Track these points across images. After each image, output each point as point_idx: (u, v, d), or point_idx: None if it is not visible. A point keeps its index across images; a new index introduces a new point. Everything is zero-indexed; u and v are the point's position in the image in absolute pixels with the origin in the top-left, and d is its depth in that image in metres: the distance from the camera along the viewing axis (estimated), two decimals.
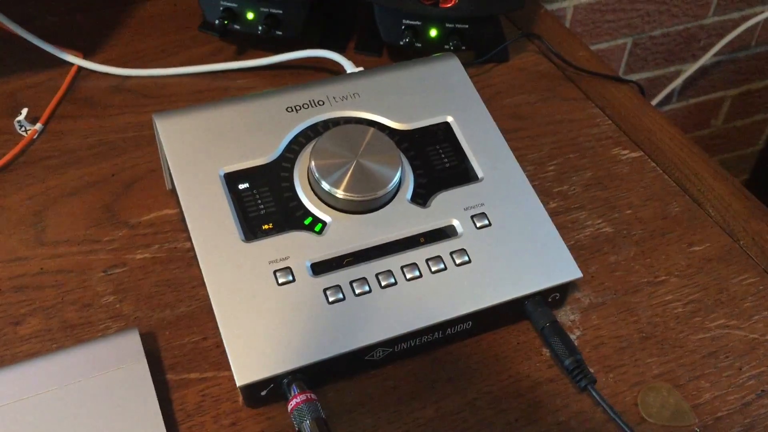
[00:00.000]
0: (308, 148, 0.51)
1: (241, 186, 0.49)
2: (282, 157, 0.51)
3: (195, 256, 0.48)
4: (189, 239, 0.53)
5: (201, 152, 0.50)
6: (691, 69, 1.26)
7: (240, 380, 0.43)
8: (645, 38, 1.20)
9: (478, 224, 0.50)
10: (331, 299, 0.46)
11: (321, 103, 0.53)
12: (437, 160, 0.52)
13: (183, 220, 0.53)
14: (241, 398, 0.46)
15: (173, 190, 0.56)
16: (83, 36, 0.70)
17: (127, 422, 0.43)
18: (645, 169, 0.62)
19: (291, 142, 0.51)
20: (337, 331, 0.45)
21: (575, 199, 0.59)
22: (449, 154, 0.53)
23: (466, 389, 0.47)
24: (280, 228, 0.48)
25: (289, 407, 0.43)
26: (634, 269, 0.54)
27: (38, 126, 0.61)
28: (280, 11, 0.65)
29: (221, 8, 0.66)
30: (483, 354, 0.49)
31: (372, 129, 0.51)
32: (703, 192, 0.60)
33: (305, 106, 0.53)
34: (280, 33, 0.66)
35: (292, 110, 0.53)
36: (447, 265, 0.48)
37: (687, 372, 0.49)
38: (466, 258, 0.48)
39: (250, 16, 0.66)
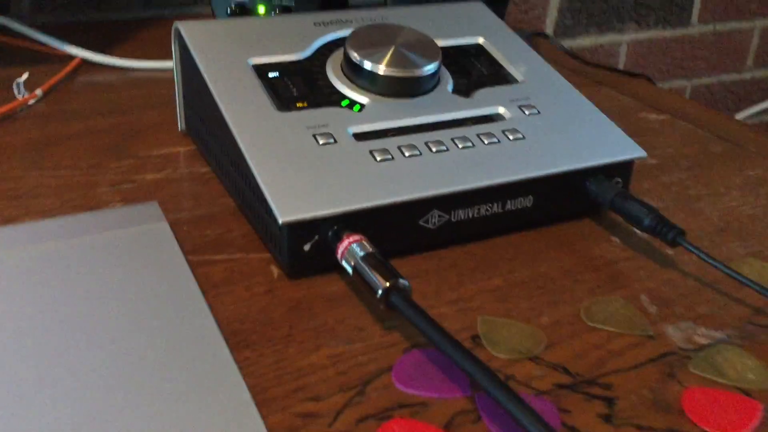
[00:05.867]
0: (339, 51, 0.48)
1: (271, 74, 0.46)
2: (312, 57, 0.48)
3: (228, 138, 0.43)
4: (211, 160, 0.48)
5: (228, 49, 0.47)
6: None
7: (282, 217, 0.37)
8: None
9: (527, 112, 0.46)
10: (378, 158, 0.41)
11: (349, 21, 0.51)
12: (474, 69, 0.50)
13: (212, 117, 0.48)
14: (276, 271, 0.39)
15: (187, 130, 0.52)
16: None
17: (153, 273, 0.36)
18: (676, 125, 0.60)
19: (321, 47, 0.49)
20: (387, 182, 0.39)
21: None
22: (486, 65, 0.50)
23: (535, 265, 0.41)
24: (315, 105, 0.44)
25: (339, 253, 0.37)
26: (690, 185, 0.51)
27: (38, 91, 0.58)
28: (293, 4, 0.65)
29: (233, 4, 0.66)
30: (548, 241, 0.43)
31: (407, 26, 0.48)
32: (741, 137, 0.58)
33: (333, 22, 0.51)
34: None
35: (320, 24, 0.51)
36: (500, 140, 0.44)
37: None
38: (520, 135, 0.44)
39: (261, 9, 0.66)
